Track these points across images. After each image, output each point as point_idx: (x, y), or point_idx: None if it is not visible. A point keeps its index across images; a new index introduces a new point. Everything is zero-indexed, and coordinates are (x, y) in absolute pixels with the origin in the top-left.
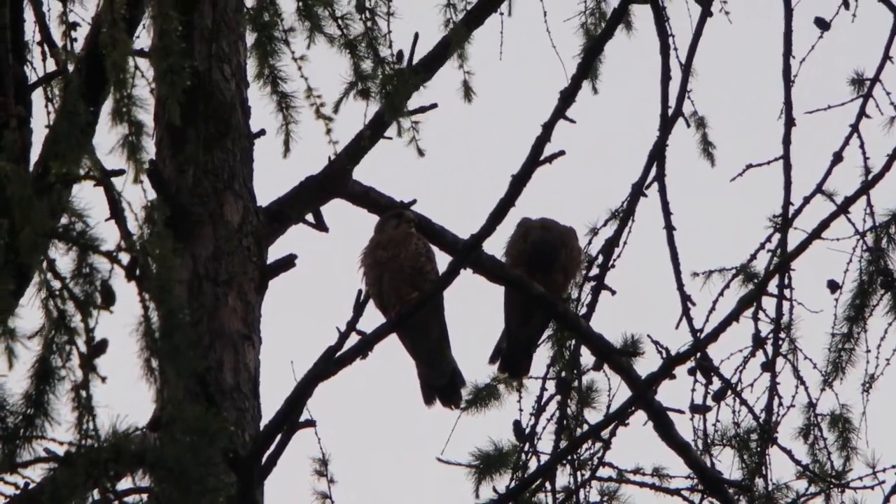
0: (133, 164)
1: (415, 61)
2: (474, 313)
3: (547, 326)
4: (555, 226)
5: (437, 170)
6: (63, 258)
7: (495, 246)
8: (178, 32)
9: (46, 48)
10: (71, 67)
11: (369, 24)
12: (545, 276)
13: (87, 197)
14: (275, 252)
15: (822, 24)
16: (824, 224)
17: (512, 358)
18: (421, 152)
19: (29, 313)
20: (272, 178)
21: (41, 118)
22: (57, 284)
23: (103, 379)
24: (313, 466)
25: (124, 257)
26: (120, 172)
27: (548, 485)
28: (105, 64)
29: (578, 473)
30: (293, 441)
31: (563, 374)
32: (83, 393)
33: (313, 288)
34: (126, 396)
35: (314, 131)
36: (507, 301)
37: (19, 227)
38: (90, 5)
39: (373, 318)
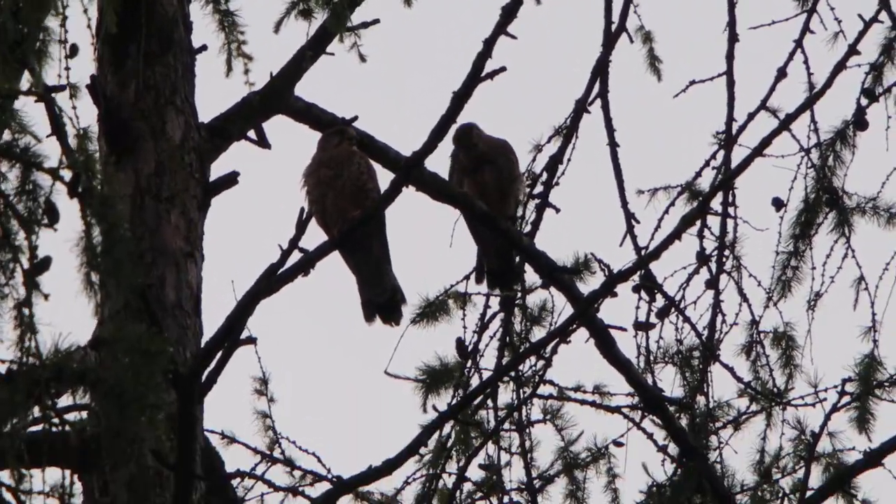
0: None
1: None
2: (419, 230)
3: None
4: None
5: (379, 86)
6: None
7: (438, 164)
8: None
9: None
10: None
11: None
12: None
13: (31, 113)
14: (217, 169)
15: None
16: (767, 140)
17: (496, 271)
18: (363, 58)
19: None
20: (214, 94)
21: None
22: None
23: (46, 296)
24: (253, 385)
25: (67, 174)
26: (62, 88)
27: (490, 402)
28: None
29: (520, 390)
30: (234, 359)
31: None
32: (26, 311)
33: (255, 205)
34: (68, 314)
35: (256, 47)
36: (467, 219)
37: None
38: None
39: (315, 235)
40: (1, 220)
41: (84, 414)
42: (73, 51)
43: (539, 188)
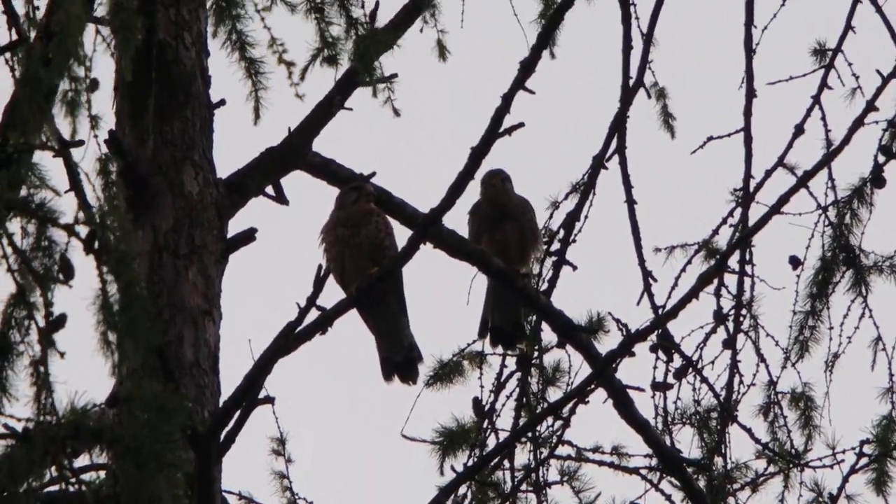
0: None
1: (381, 24)
2: (436, 288)
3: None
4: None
5: (397, 142)
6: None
7: (455, 220)
8: None
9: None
10: (32, 35)
11: None
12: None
13: (47, 168)
14: (234, 226)
15: None
16: (785, 198)
17: (501, 329)
18: (397, 112)
19: None
20: (229, 150)
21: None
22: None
23: (62, 354)
24: (271, 446)
25: (82, 230)
26: (79, 143)
27: (506, 463)
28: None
29: (538, 451)
30: (252, 418)
31: (524, 349)
32: (41, 368)
33: (273, 262)
34: (84, 372)
35: (274, 102)
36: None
37: None
38: None
39: (333, 292)
40: (16, 277)
41: (101, 474)
42: (94, 85)
43: (556, 245)
